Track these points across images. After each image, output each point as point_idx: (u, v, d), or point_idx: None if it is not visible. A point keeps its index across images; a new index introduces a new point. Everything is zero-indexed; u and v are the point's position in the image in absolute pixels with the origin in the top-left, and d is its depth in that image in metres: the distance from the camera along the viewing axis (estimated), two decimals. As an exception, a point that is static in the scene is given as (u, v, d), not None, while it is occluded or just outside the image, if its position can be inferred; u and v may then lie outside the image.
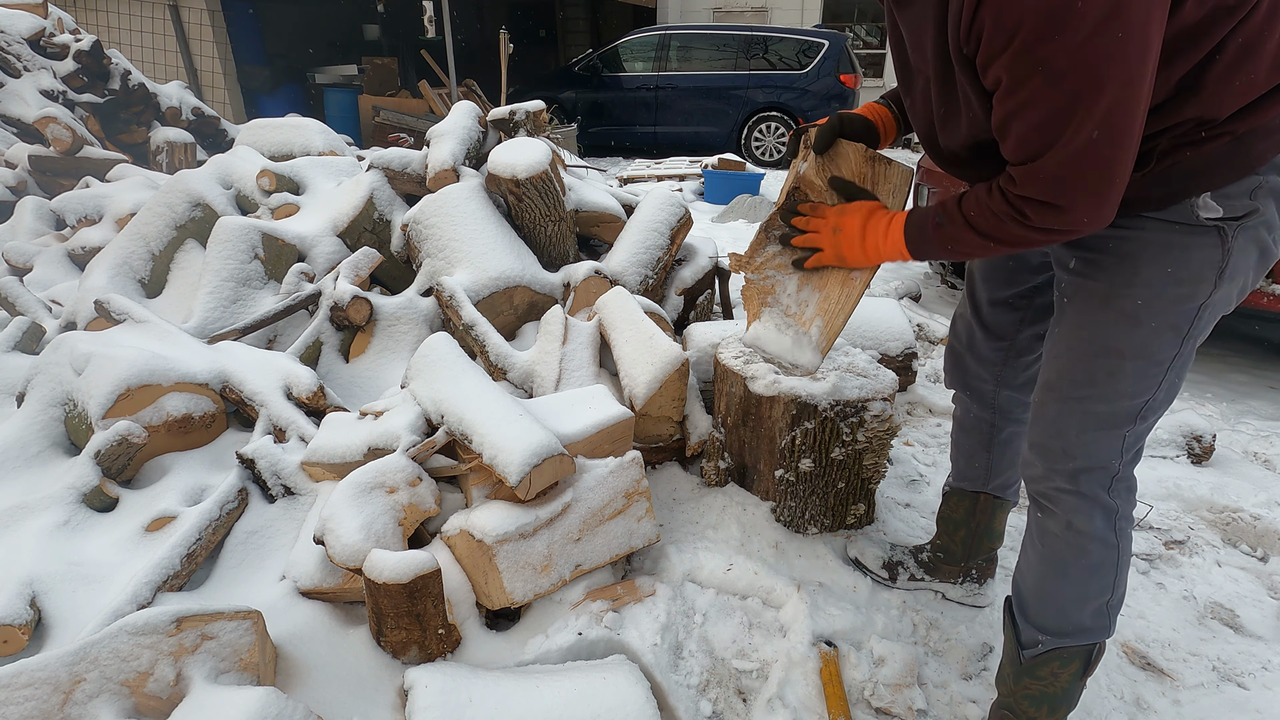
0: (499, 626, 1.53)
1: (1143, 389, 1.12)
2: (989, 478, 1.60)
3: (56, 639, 1.39)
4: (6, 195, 3.71)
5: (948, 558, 1.71)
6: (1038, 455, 1.23)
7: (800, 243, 1.32)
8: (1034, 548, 1.29)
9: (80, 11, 7.25)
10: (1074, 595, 1.24)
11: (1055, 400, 1.19)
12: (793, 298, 1.42)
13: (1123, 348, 1.10)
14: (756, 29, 9.10)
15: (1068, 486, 1.20)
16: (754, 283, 1.43)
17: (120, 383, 1.77)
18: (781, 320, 1.42)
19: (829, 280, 1.36)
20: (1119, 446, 1.18)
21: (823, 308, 1.37)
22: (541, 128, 2.97)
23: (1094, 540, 1.20)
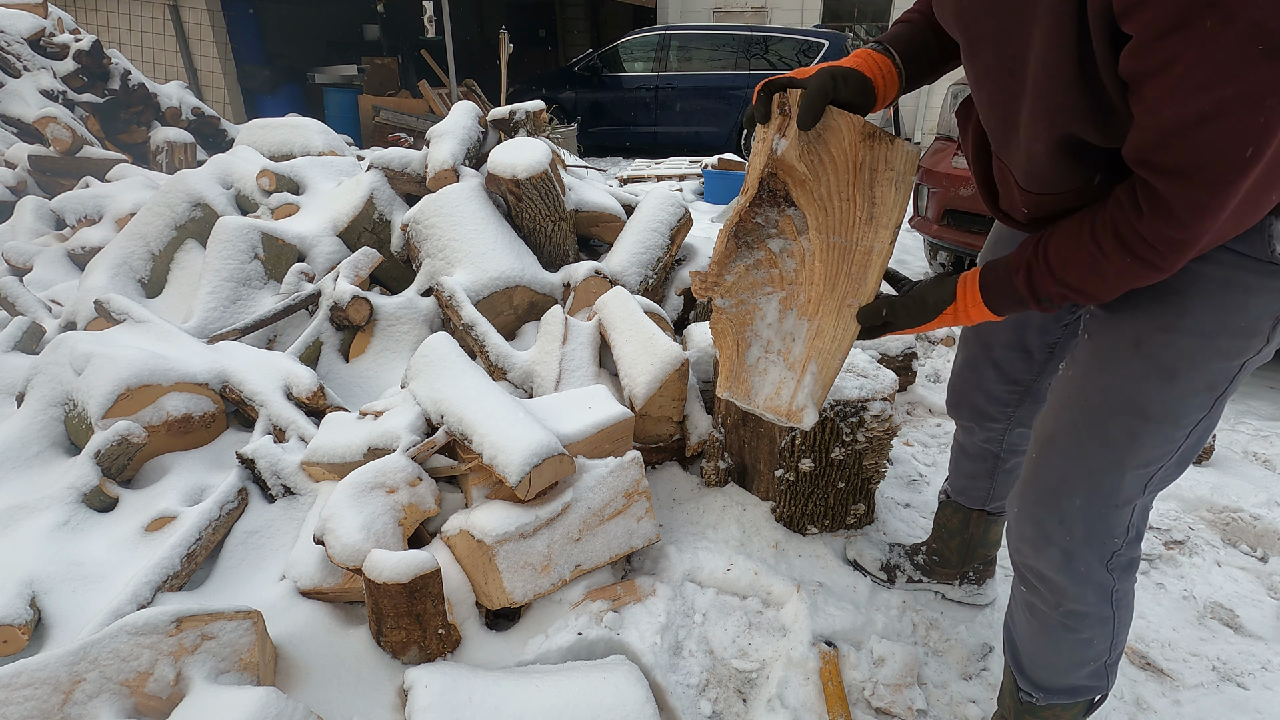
0: (499, 626, 1.53)
1: (1159, 455, 0.96)
2: (988, 500, 1.56)
3: (56, 639, 1.39)
4: (6, 195, 3.71)
5: (943, 561, 1.70)
6: (1029, 526, 1.08)
7: None
8: (1021, 613, 1.18)
9: (80, 11, 7.24)
10: (1068, 663, 1.15)
11: (1057, 460, 1.03)
12: (774, 329, 1.08)
13: (1149, 407, 0.92)
14: (756, 29, 9.09)
15: (1060, 566, 1.06)
16: (725, 311, 1.08)
17: (120, 383, 1.77)
18: (765, 359, 1.10)
19: (821, 306, 1.05)
20: (1124, 524, 1.03)
21: (815, 345, 1.06)
22: (541, 128, 2.97)
23: (1087, 618, 1.08)
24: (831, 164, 0.97)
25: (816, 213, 1.00)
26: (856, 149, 0.97)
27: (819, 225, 1.00)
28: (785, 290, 1.06)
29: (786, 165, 0.98)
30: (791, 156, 0.97)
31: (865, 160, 0.98)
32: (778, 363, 1.08)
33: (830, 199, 0.99)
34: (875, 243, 1.00)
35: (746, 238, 1.06)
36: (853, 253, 1.01)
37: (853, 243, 1.00)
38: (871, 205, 0.99)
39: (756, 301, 1.07)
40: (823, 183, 0.98)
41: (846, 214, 0.99)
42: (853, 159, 0.98)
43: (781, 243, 1.04)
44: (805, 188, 0.99)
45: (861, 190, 0.98)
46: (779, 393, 1.07)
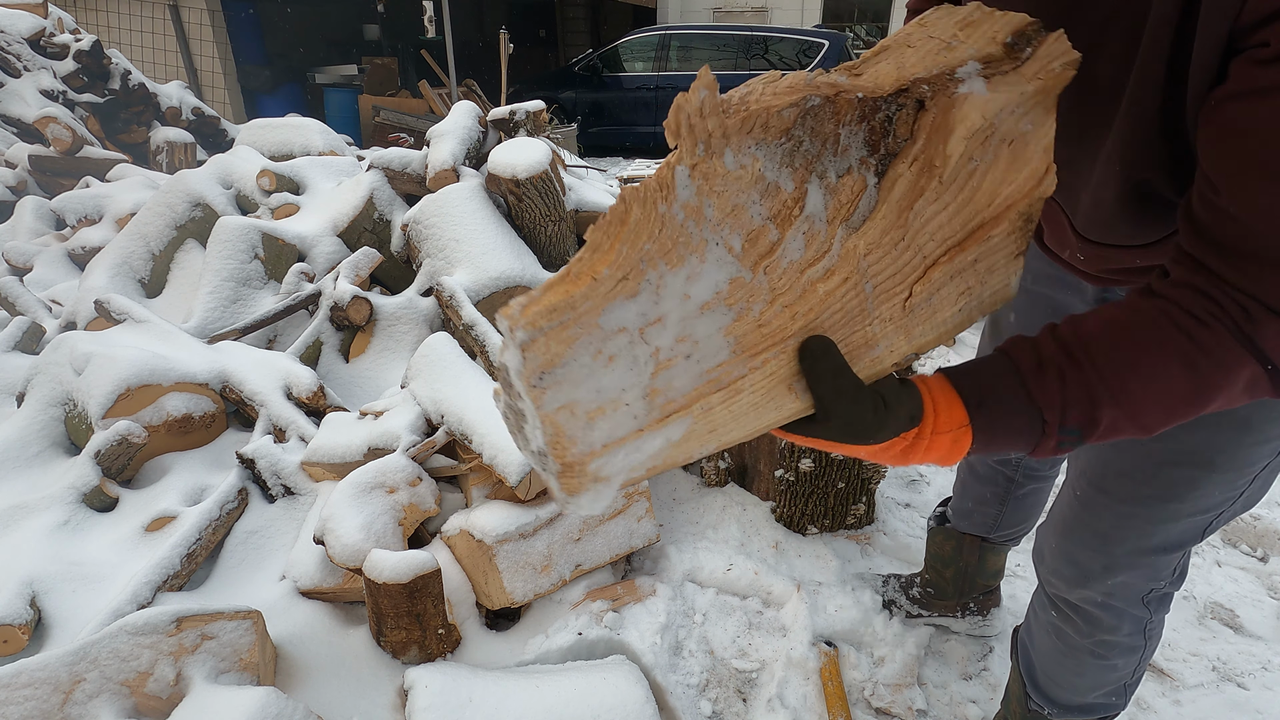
0: (499, 626, 1.53)
1: (1220, 502, 0.88)
2: (993, 528, 1.45)
3: (56, 639, 1.39)
4: (6, 195, 3.71)
5: (939, 594, 1.59)
6: (1069, 566, 1.00)
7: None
8: (1046, 635, 1.12)
9: (80, 11, 7.24)
10: (1090, 685, 1.11)
11: (1109, 508, 0.93)
12: (676, 320, 0.50)
13: (1216, 458, 0.83)
14: (756, 29, 9.09)
15: (1098, 603, 1.01)
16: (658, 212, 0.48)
17: (120, 383, 1.77)
18: (608, 359, 0.49)
19: (772, 353, 0.55)
20: (1173, 566, 0.96)
21: (715, 398, 0.55)
22: (541, 128, 2.97)
23: (1119, 648, 1.04)
24: (960, 188, 0.55)
25: (896, 216, 0.54)
26: (1002, 203, 0.57)
27: (880, 238, 0.54)
28: (751, 280, 0.50)
29: (959, 116, 0.53)
30: (976, 115, 0.52)
31: (986, 234, 0.58)
32: (631, 384, 0.48)
33: (919, 220, 0.55)
34: (883, 339, 0.58)
35: (787, 138, 0.49)
36: (861, 321, 0.56)
37: (869, 310, 0.56)
38: (928, 294, 0.58)
39: (697, 250, 0.48)
40: (936, 192, 0.55)
41: (902, 267, 0.56)
42: (984, 214, 0.57)
43: (823, 195, 0.51)
44: (928, 170, 0.54)
45: (942, 267, 0.57)
46: (584, 432, 0.48)
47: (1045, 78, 0.52)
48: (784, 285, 0.51)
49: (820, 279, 0.52)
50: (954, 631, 1.64)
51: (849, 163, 0.51)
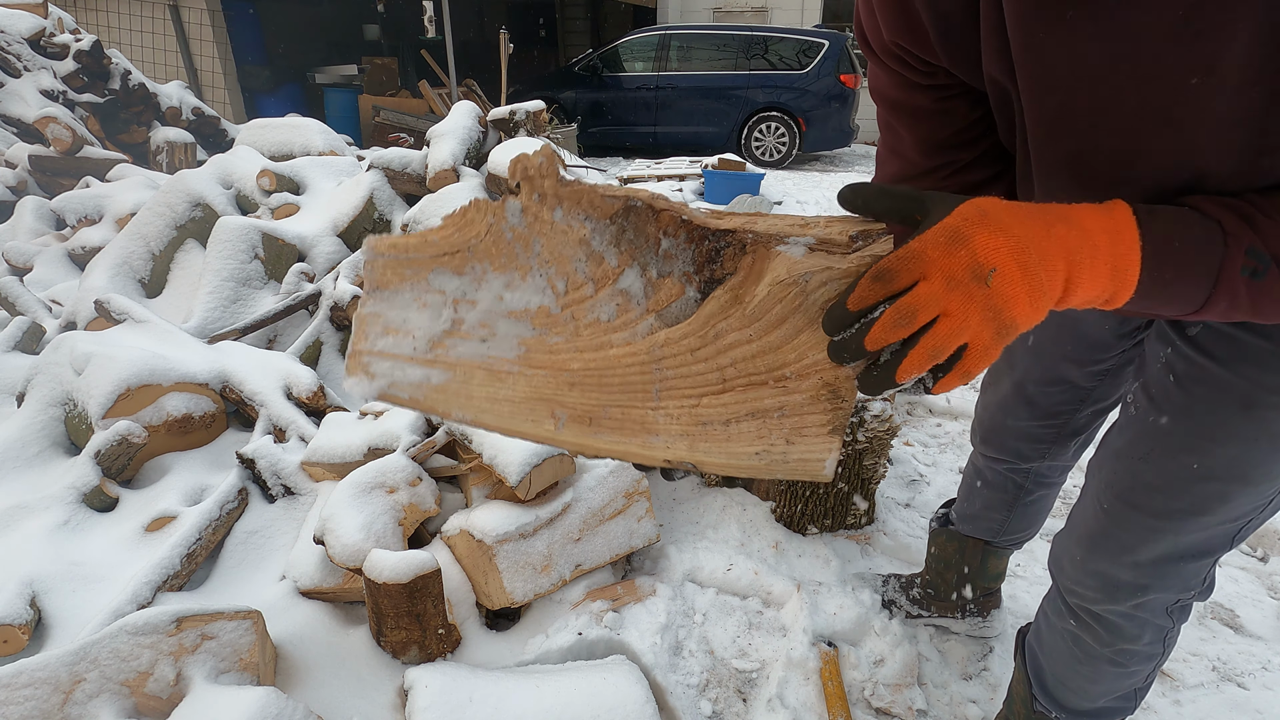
0: (499, 626, 1.53)
1: (1250, 511, 0.86)
2: (999, 533, 1.43)
3: (56, 639, 1.39)
4: (6, 195, 3.71)
5: (939, 595, 1.58)
6: (1092, 578, 0.98)
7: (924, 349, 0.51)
8: (1060, 641, 1.10)
9: (80, 11, 7.24)
10: (1103, 691, 1.09)
11: (1137, 522, 0.90)
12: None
13: (1250, 473, 0.80)
14: (756, 29, 9.09)
15: (1122, 614, 0.99)
16: None
17: (120, 383, 1.77)
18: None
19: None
20: (1201, 575, 0.94)
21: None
22: (541, 128, 2.97)
23: (1137, 656, 1.03)
24: (766, 330, 0.58)
25: (701, 327, 0.58)
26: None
27: (680, 339, 0.58)
28: (559, 314, 0.58)
29: (770, 265, 0.57)
30: (783, 268, 0.57)
31: (789, 386, 0.59)
32: (426, 328, 0.57)
33: (721, 341, 0.59)
34: (664, 433, 0.60)
35: (612, 222, 0.57)
36: (644, 400, 0.59)
37: (654, 396, 0.59)
38: (723, 417, 0.59)
39: (520, 270, 0.56)
40: (740, 322, 0.58)
41: (696, 374, 0.59)
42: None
43: (642, 283, 0.58)
44: (737, 301, 0.57)
45: (738, 394, 0.59)
46: (375, 336, 0.57)
47: (858, 263, 0.55)
48: (586, 333, 0.58)
49: (619, 345, 0.58)
50: (954, 632, 1.64)
51: (672, 269, 0.58)
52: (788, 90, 8.73)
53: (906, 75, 0.73)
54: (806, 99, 8.70)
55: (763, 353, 0.57)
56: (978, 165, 0.78)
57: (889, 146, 0.81)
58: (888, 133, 0.81)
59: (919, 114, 0.76)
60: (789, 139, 8.84)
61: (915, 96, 0.75)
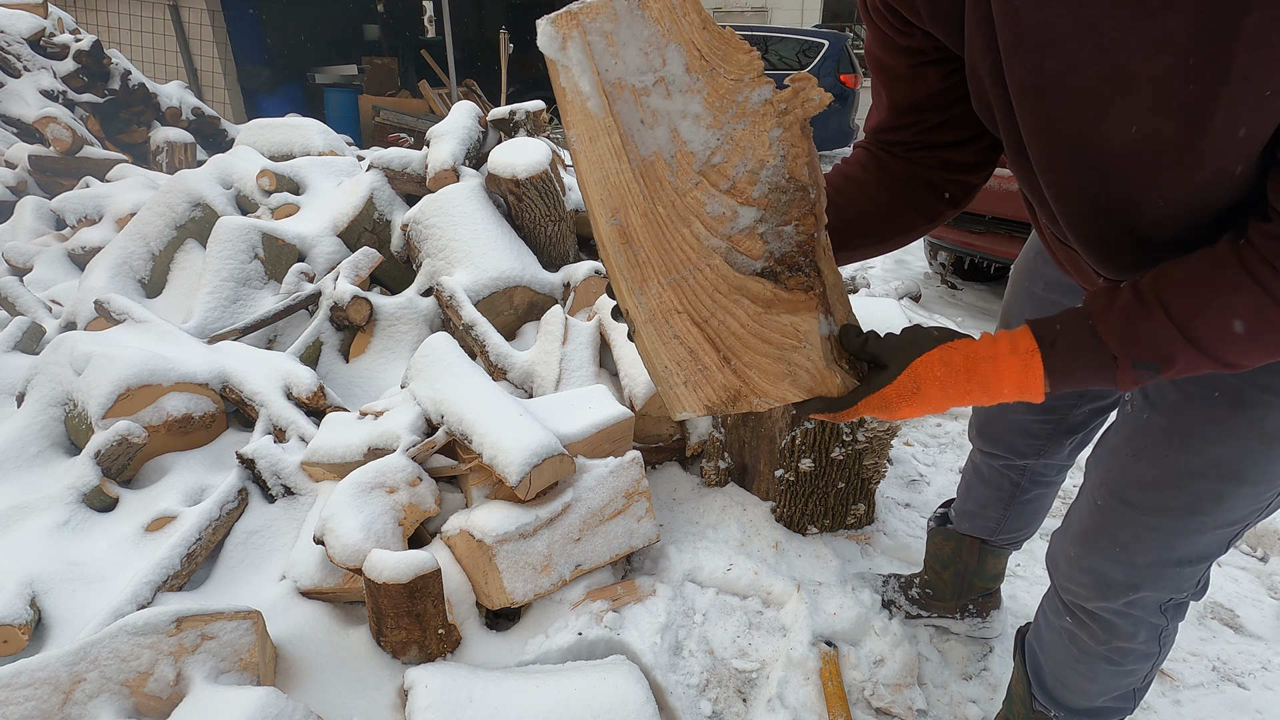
0: (499, 626, 1.53)
1: (1246, 514, 0.87)
2: (995, 531, 1.44)
3: (56, 639, 1.39)
4: (6, 195, 3.71)
5: (938, 595, 1.59)
6: (1088, 576, 0.99)
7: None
8: (1057, 639, 1.11)
9: (80, 11, 7.24)
10: (1101, 690, 1.10)
11: (1131, 520, 0.91)
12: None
13: (1244, 471, 0.81)
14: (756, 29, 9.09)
15: (1117, 611, 1.00)
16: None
17: (120, 383, 1.77)
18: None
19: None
20: (1196, 578, 0.95)
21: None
22: (541, 128, 2.97)
23: (1133, 654, 1.04)
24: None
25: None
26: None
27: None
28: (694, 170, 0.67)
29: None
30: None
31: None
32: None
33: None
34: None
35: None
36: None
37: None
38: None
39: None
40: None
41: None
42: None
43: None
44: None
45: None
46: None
47: (826, 375, 0.75)
48: (688, 198, 0.66)
49: (690, 235, 0.67)
50: (953, 633, 1.64)
51: (769, 241, 0.70)
52: (788, 90, 8.71)
53: (888, 34, 0.78)
54: (806, 98, 8.67)
55: (738, 339, 0.71)
56: (947, 127, 0.83)
57: (876, 100, 0.88)
58: (875, 93, 0.88)
59: (895, 76, 0.82)
60: None
61: (893, 58, 0.80)
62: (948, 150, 0.85)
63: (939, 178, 0.87)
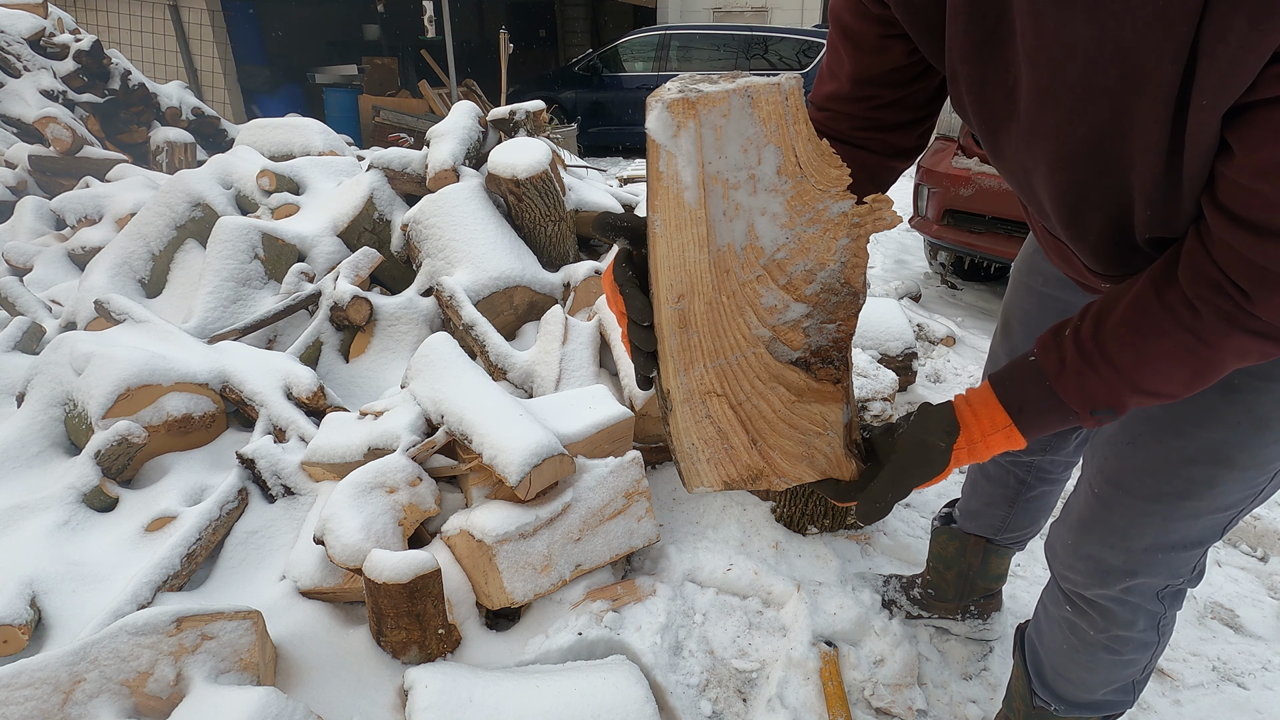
0: (499, 626, 1.53)
1: (1239, 500, 0.88)
2: (1000, 530, 1.43)
3: (56, 639, 1.39)
4: (6, 195, 3.71)
5: (939, 595, 1.58)
6: (1085, 561, 1.00)
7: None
8: (1057, 630, 1.12)
9: (80, 11, 7.24)
10: (1100, 681, 1.11)
11: (1127, 505, 0.93)
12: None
13: (1235, 456, 0.84)
14: (756, 29, 9.09)
15: (1115, 598, 1.01)
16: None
17: (120, 383, 1.77)
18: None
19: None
20: (1192, 564, 0.97)
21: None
22: (541, 128, 2.97)
23: (1132, 643, 1.04)
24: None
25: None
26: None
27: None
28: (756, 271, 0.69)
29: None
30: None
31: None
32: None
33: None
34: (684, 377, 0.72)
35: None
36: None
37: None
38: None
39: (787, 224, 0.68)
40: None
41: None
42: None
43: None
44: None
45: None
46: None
47: (841, 460, 0.80)
48: (745, 291, 0.69)
49: (744, 324, 0.70)
50: (954, 634, 1.64)
51: (810, 334, 0.74)
52: (787, 90, 8.71)
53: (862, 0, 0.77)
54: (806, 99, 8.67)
55: (768, 423, 0.75)
56: (897, 108, 0.84)
57: (830, 68, 0.86)
58: (832, 55, 0.86)
59: (861, 44, 0.80)
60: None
61: (862, 25, 0.79)
62: (892, 133, 0.86)
63: (878, 164, 0.87)
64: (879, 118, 0.85)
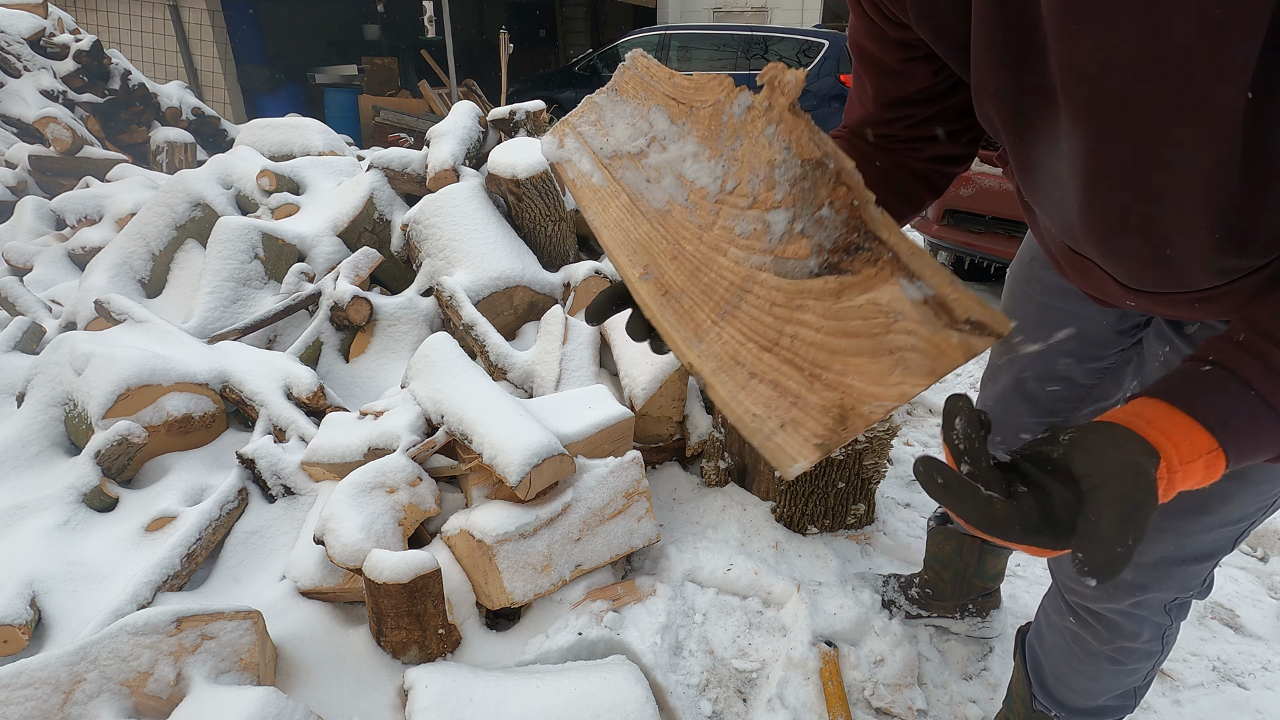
0: (499, 626, 1.53)
1: (1252, 512, 0.86)
2: None
3: (56, 639, 1.39)
4: (6, 195, 3.71)
5: (937, 594, 1.58)
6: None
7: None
8: (1061, 640, 1.10)
9: (80, 11, 7.24)
10: (1102, 689, 1.10)
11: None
12: None
13: (1250, 470, 0.81)
14: (756, 29, 9.09)
15: (1122, 611, 0.99)
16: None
17: (120, 383, 1.77)
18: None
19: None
20: (1202, 577, 0.95)
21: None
22: (541, 128, 2.97)
23: (1136, 653, 1.03)
24: (837, 329, 0.60)
25: (791, 295, 0.61)
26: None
27: (772, 289, 0.61)
28: (709, 202, 0.64)
29: (877, 284, 0.59)
30: (886, 296, 0.57)
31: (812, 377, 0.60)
32: (601, 148, 0.70)
33: (798, 314, 0.62)
34: (710, 334, 0.63)
35: (801, 167, 0.60)
36: (706, 305, 0.65)
37: (722, 310, 0.64)
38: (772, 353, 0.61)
39: (715, 150, 0.64)
40: (819, 312, 0.61)
41: (760, 318, 0.63)
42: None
43: (786, 226, 0.61)
44: (833, 296, 0.60)
45: (773, 355, 0.62)
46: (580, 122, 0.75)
47: (945, 343, 0.53)
48: (716, 231, 0.62)
49: (729, 259, 0.62)
50: (953, 633, 1.64)
51: (814, 234, 0.58)
52: (788, 90, 8.71)
53: (877, 24, 0.74)
54: (806, 99, 8.67)
55: (818, 347, 0.58)
56: (934, 121, 0.80)
57: (857, 94, 0.84)
58: (857, 82, 0.83)
59: (883, 70, 0.78)
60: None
61: (882, 50, 0.76)
62: (935, 144, 0.83)
63: (926, 169, 0.85)
64: (918, 132, 0.82)
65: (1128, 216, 0.66)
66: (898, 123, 0.82)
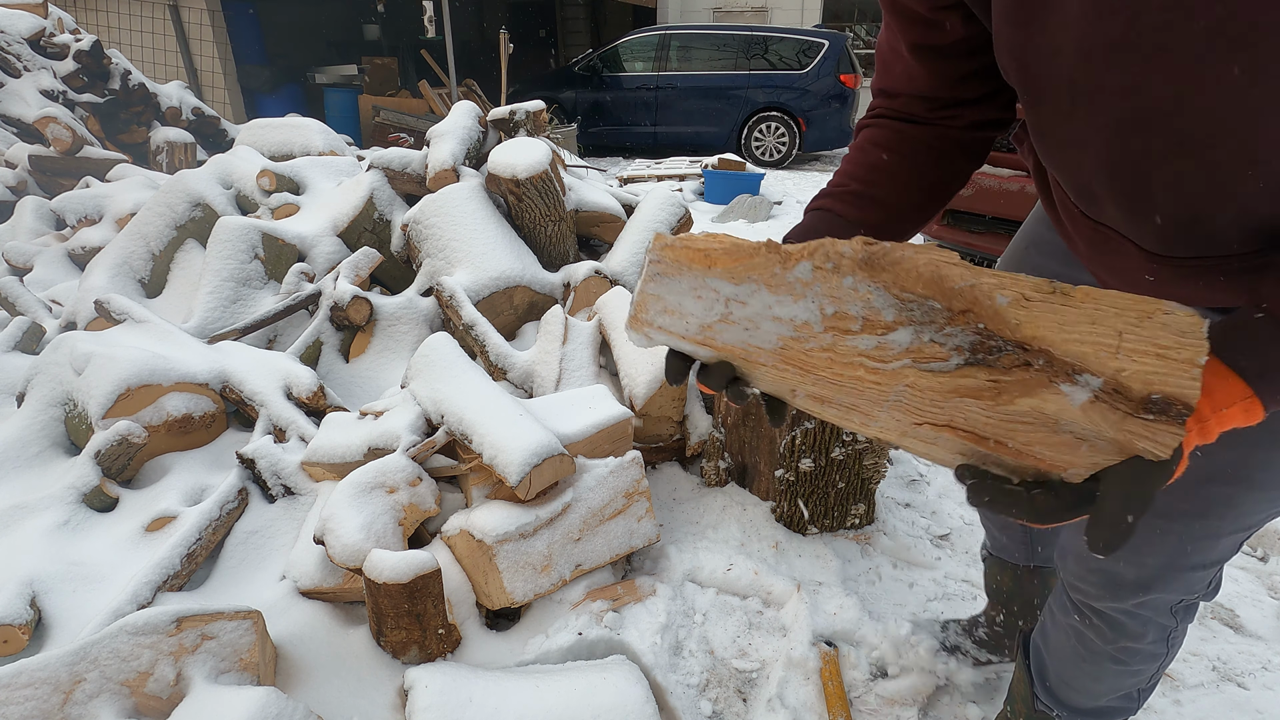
0: (499, 626, 1.53)
1: (1258, 519, 0.86)
2: (1030, 554, 1.37)
3: (56, 639, 1.39)
4: (6, 195, 3.71)
5: (1007, 631, 1.48)
6: (1098, 576, 0.98)
7: None
8: (1064, 638, 1.10)
9: (80, 11, 7.24)
10: (1106, 690, 1.09)
11: (1144, 522, 0.86)
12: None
13: (1255, 475, 0.80)
14: (756, 29, 9.09)
15: (1127, 612, 0.99)
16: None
17: (120, 383, 1.77)
18: None
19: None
20: (1206, 580, 0.94)
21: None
22: (541, 128, 2.97)
23: (1141, 654, 1.03)
24: (1004, 421, 0.60)
25: (949, 390, 0.60)
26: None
27: (926, 386, 0.60)
28: (819, 332, 0.61)
29: (1042, 397, 0.56)
30: (1052, 407, 0.55)
31: (993, 448, 0.60)
32: (700, 315, 0.66)
33: (961, 405, 0.61)
34: (878, 423, 0.64)
35: (902, 302, 0.59)
36: (869, 405, 0.64)
37: (883, 405, 0.64)
38: (932, 435, 0.63)
39: (795, 295, 0.61)
40: (985, 408, 0.60)
41: (927, 406, 0.62)
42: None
43: (912, 338, 0.59)
44: (993, 394, 0.58)
45: (950, 434, 0.62)
46: (654, 312, 0.67)
47: (1124, 441, 0.53)
48: (839, 351, 0.61)
49: (868, 371, 0.60)
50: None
51: (945, 342, 0.58)
52: (788, 90, 8.73)
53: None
54: (806, 99, 8.69)
55: (991, 426, 0.58)
56: (968, 80, 0.77)
57: (890, 45, 0.80)
58: (888, 34, 0.80)
59: (913, 17, 0.75)
60: (789, 139, 8.85)
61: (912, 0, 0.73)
62: (969, 107, 0.79)
63: (966, 137, 0.82)
64: (952, 95, 0.78)
65: (1161, 167, 0.61)
66: (932, 80, 0.78)
